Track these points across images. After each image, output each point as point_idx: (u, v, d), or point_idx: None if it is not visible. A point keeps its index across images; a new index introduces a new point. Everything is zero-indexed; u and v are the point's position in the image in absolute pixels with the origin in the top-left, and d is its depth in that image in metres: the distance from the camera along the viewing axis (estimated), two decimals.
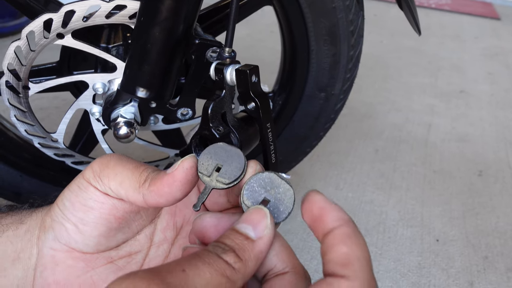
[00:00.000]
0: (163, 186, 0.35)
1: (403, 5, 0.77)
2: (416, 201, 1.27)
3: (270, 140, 0.49)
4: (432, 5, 3.89)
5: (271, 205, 0.35)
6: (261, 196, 0.36)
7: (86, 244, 0.38)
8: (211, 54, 0.65)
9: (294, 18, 0.80)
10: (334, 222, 0.30)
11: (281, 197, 0.36)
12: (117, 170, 0.37)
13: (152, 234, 0.41)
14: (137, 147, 0.87)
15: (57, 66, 0.74)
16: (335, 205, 0.31)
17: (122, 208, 0.37)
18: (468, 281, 1.02)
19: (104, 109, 0.68)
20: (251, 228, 0.32)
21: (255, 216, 0.33)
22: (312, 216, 0.31)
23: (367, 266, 0.28)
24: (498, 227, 1.20)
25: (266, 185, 0.36)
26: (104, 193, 0.37)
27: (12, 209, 0.42)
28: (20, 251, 0.38)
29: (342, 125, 1.61)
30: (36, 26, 0.61)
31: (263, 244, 0.32)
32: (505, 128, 1.78)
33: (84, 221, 0.37)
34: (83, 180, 0.37)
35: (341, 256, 0.28)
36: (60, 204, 0.38)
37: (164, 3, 0.58)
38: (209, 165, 0.38)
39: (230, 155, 0.38)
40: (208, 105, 0.49)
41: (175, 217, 0.42)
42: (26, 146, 0.85)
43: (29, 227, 0.39)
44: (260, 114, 0.48)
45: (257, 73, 0.49)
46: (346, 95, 0.90)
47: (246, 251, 0.31)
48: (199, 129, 0.50)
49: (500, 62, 2.60)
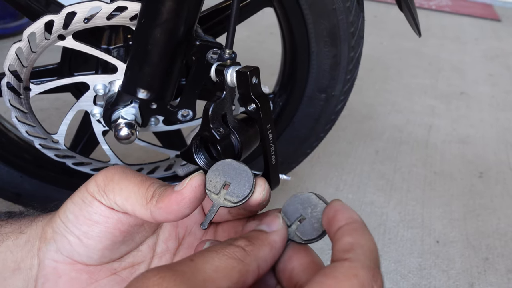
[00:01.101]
0: (171, 203, 0.35)
1: (403, 7, 0.77)
2: (416, 202, 1.27)
3: (271, 142, 0.49)
4: (432, 7, 3.89)
5: (306, 223, 0.36)
6: (297, 214, 0.37)
7: (90, 257, 0.37)
8: (212, 56, 0.65)
9: (294, 19, 0.80)
10: (345, 220, 0.32)
11: (317, 215, 0.36)
12: (122, 184, 0.36)
13: (154, 245, 0.41)
14: (137, 148, 0.87)
15: (58, 67, 0.74)
16: (349, 208, 0.33)
17: (127, 222, 0.37)
18: (469, 282, 1.01)
19: (105, 110, 0.68)
20: (265, 226, 0.35)
21: (269, 217, 0.36)
22: (328, 218, 0.33)
23: (370, 254, 0.29)
24: (498, 228, 1.20)
25: (304, 204, 0.37)
26: (109, 208, 0.37)
27: (11, 216, 0.41)
28: (20, 261, 0.38)
29: (343, 126, 1.61)
30: (37, 27, 0.61)
31: (277, 235, 0.34)
32: (505, 129, 1.78)
33: (88, 235, 0.37)
34: (87, 194, 0.37)
35: (346, 245, 0.30)
36: (63, 217, 0.38)
37: (165, 4, 0.58)
38: (217, 183, 0.38)
39: (238, 173, 0.38)
40: (208, 106, 0.49)
41: (177, 228, 0.42)
42: (26, 147, 0.85)
43: (29, 237, 0.39)
44: (260, 115, 0.48)
45: (257, 75, 0.49)
46: (346, 96, 0.90)
47: (258, 238, 0.33)
48: (200, 130, 0.50)
49: (500, 63, 2.60)
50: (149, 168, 0.87)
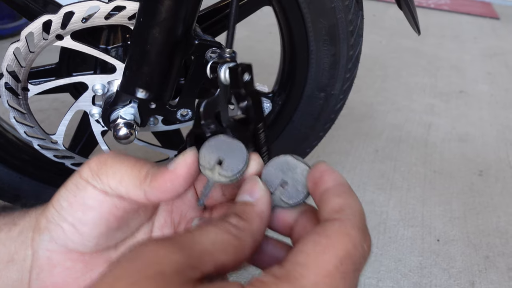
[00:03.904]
0: (165, 182, 0.35)
1: (402, 5, 0.77)
2: (416, 201, 1.27)
3: (262, 141, 0.48)
4: (431, 5, 3.89)
5: (289, 187, 0.36)
6: (278, 179, 0.36)
7: (85, 244, 0.37)
8: (211, 55, 0.65)
9: (293, 18, 0.80)
10: (332, 182, 0.33)
11: (298, 177, 0.36)
12: (115, 167, 0.36)
13: (150, 232, 0.41)
14: (136, 148, 0.87)
15: (57, 67, 0.74)
16: (335, 170, 0.34)
17: (122, 207, 0.37)
18: (469, 281, 1.01)
19: (104, 110, 0.68)
20: (247, 195, 0.35)
21: (248, 185, 0.35)
22: (314, 179, 0.34)
23: (359, 215, 0.30)
24: (499, 226, 1.20)
25: (283, 168, 0.36)
26: (103, 192, 0.36)
27: (4, 210, 0.41)
28: (14, 253, 0.38)
29: (342, 125, 1.61)
30: (35, 27, 0.61)
31: (262, 203, 0.34)
32: (505, 128, 1.78)
33: (82, 221, 0.36)
34: (80, 179, 0.36)
35: (336, 205, 0.31)
36: (56, 205, 0.37)
37: (163, 3, 0.58)
38: (210, 159, 0.37)
39: (231, 148, 0.37)
40: (200, 102, 0.48)
41: (172, 214, 0.42)
42: (25, 148, 0.84)
43: (22, 229, 0.38)
44: (251, 113, 0.47)
45: (250, 71, 0.48)
46: (345, 95, 0.90)
47: (247, 212, 0.33)
48: (193, 127, 0.50)
49: (499, 62, 2.60)
50: None
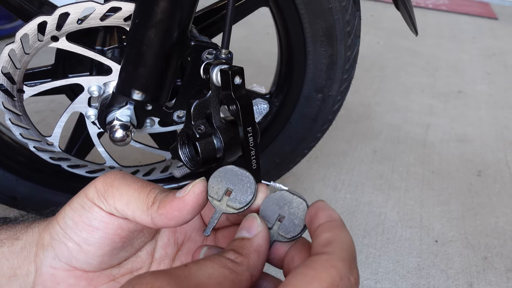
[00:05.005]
0: (173, 210, 0.35)
1: (400, 5, 0.77)
2: (415, 201, 1.27)
3: (251, 145, 0.48)
4: (429, 5, 3.89)
5: (286, 221, 0.37)
6: (275, 214, 0.37)
7: (89, 263, 0.37)
8: (207, 56, 0.64)
9: (290, 19, 0.79)
10: (325, 218, 0.33)
11: (294, 211, 0.37)
12: (122, 190, 0.36)
13: (153, 251, 0.41)
14: (133, 150, 0.86)
15: (52, 69, 0.74)
16: (330, 207, 0.34)
17: (127, 228, 0.37)
18: (468, 281, 1.01)
19: (100, 112, 0.68)
20: (245, 231, 0.35)
21: (247, 221, 0.36)
22: (310, 216, 0.34)
23: (348, 249, 0.31)
24: (497, 227, 1.20)
25: (279, 203, 0.37)
26: (109, 213, 0.36)
27: (5, 222, 0.41)
28: (17, 267, 0.38)
29: (340, 126, 1.60)
30: (30, 29, 0.60)
31: (260, 238, 0.34)
32: (503, 128, 1.78)
33: (88, 241, 0.36)
34: (86, 200, 0.37)
35: (324, 240, 0.31)
36: (62, 223, 0.37)
37: (159, 4, 0.58)
38: (219, 189, 0.37)
39: (240, 179, 0.38)
40: (191, 103, 0.48)
41: (175, 233, 0.42)
42: (21, 150, 0.84)
43: (25, 244, 0.38)
44: (239, 116, 0.47)
45: (241, 75, 0.48)
46: (343, 96, 0.90)
47: (245, 248, 0.33)
48: (184, 127, 0.49)
49: (498, 62, 2.61)
50: (145, 170, 0.86)
